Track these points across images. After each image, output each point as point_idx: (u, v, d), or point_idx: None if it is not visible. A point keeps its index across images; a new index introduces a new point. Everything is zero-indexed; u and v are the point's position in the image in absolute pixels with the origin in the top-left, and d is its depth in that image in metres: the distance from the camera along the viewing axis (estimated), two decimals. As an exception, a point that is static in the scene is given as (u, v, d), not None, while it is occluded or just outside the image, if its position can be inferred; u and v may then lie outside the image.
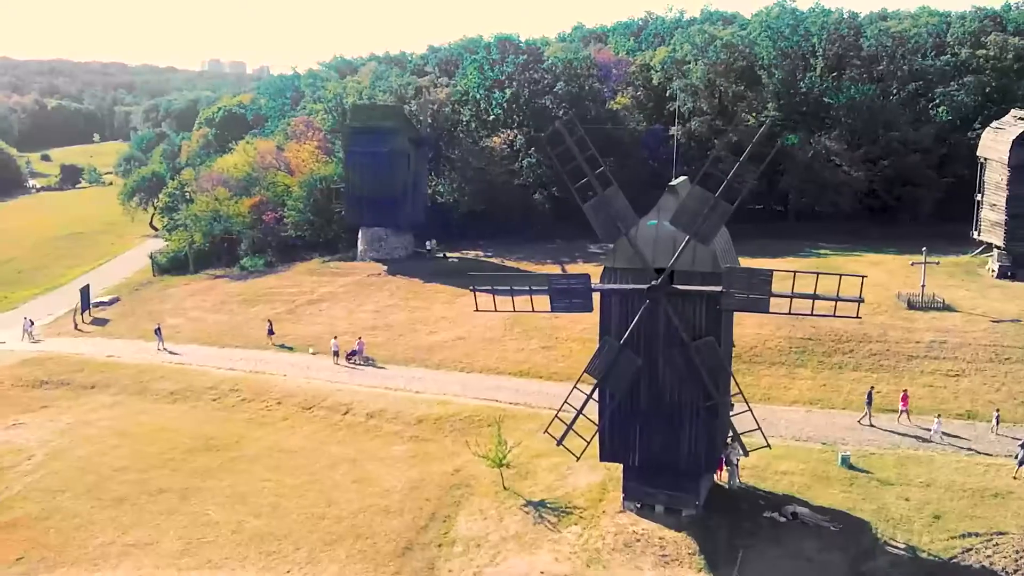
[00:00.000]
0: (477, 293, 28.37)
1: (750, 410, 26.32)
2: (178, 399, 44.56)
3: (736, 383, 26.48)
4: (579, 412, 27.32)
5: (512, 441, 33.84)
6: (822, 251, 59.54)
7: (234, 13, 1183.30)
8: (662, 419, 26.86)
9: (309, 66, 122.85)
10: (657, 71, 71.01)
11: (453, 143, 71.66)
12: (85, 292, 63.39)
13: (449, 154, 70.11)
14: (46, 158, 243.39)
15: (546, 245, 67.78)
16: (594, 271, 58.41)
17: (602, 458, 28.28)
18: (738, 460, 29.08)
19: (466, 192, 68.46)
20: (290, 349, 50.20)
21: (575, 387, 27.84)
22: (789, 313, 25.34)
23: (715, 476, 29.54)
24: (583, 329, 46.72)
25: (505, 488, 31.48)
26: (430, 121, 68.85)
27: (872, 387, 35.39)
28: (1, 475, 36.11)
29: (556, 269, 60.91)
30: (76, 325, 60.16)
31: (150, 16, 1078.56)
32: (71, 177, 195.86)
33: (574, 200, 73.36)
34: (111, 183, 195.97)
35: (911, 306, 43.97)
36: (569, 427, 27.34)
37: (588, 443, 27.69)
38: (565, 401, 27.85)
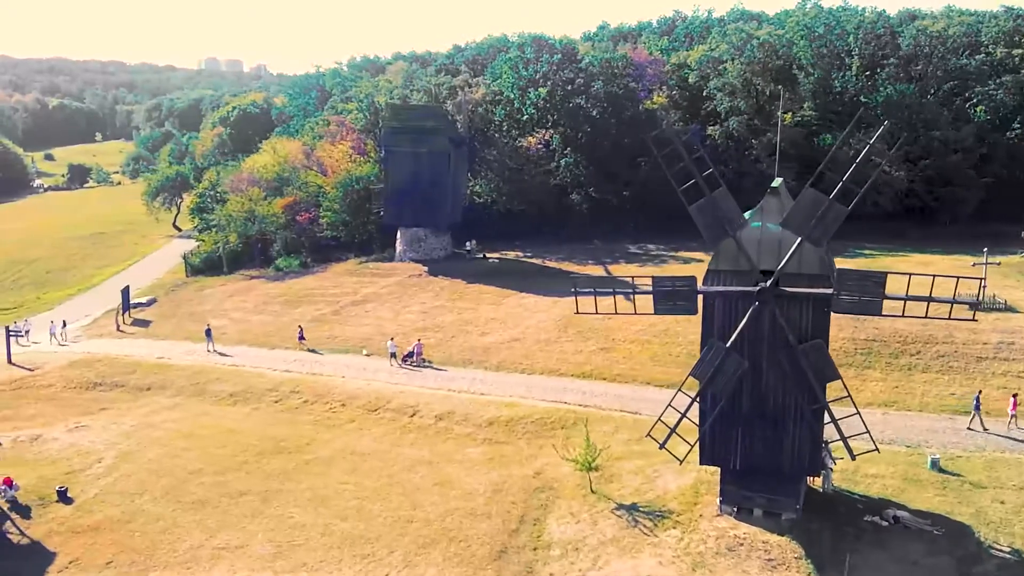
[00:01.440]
0: (578, 296, 28.19)
1: (858, 413, 26.29)
2: (238, 401, 44.47)
3: (845, 386, 26.44)
4: (683, 415, 27.29)
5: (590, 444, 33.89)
6: (867, 251, 59.57)
7: (229, 12, 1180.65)
8: (765, 422, 26.83)
9: (319, 64, 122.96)
10: (693, 70, 70.87)
11: (487, 143, 71.52)
12: (126, 293, 63.25)
13: (485, 154, 69.94)
14: (49, 157, 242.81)
15: (584, 245, 67.77)
16: (637, 272, 59.03)
17: (702, 461, 28.25)
18: (833, 464, 29.08)
19: (503, 192, 68.35)
20: (320, 353, 50.22)
21: (679, 390, 27.75)
22: (902, 315, 25.31)
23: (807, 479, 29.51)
24: (638, 331, 46.91)
25: (593, 491, 31.41)
26: (468, 121, 68.66)
27: (980, 391, 35.11)
28: (74, 478, 35.92)
29: (599, 270, 60.94)
30: (118, 326, 60.02)
31: (145, 15, 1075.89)
32: (79, 177, 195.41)
33: (611, 200, 73.78)
34: (119, 183, 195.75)
35: (973, 307, 43.85)
36: (672, 430, 27.31)
37: (692, 447, 27.63)
38: (669, 404, 27.80)
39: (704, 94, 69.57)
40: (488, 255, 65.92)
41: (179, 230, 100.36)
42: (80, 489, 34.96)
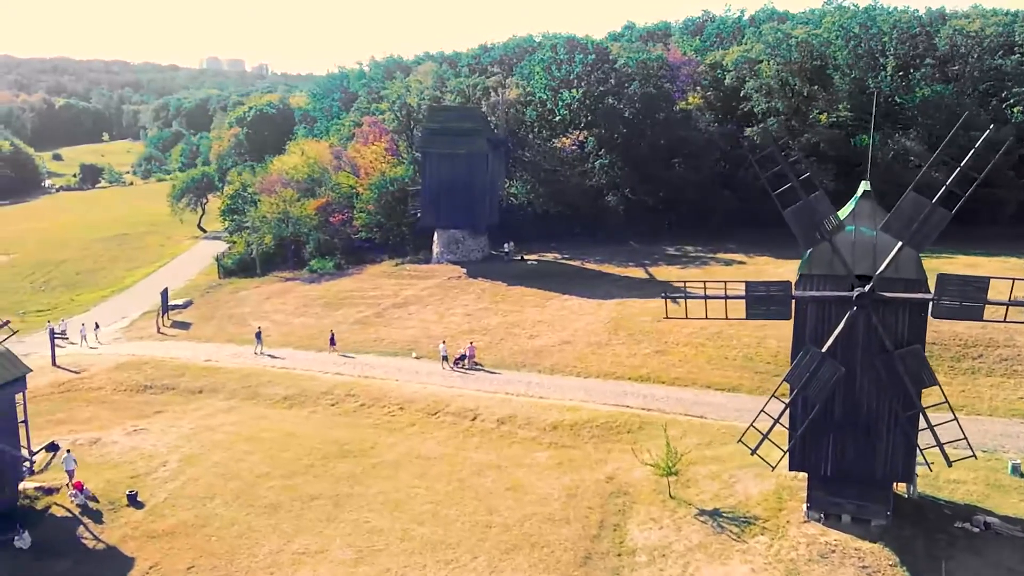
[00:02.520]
0: (668, 300, 28.12)
1: (955, 419, 26.17)
2: (294, 404, 44.38)
3: (943, 392, 26.31)
4: (776, 421, 27.17)
5: (659, 449, 33.83)
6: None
7: (229, 12, 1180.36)
8: (858, 429, 26.72)
9: (341, 65, 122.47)
10: (729, 71, 70.74)
11: (521, 144, 71.40)
12: (165, 295, 63.17)
13: (520, 155, 69.83)
14: (58, 157, 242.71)
15: (620, 247, 67.65)
16: (678, 274, 58.98)
17: (791, 467, 28.12)
18: (917, 470, 28.95)
19: (540, 193, 68.24)
20: (352, 356, 50.24)
21: (773, 396, 27.65)
22: (1004, 321, 25.21)
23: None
24: (691, 334, 46.83)
25: (672, 496, 31.30)
26: (504, 122, 68.54)
27: None
28: (140, 481, 35.84)
29: (640, 272, 60.92)
30: (158, 328, 59.96)
31: (145, 14, 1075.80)
32: (90, 177, 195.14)
33: (647, 202, 73.53)
34: (131, 183, 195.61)
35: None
36: (765, 436, 27.19)
37: (785, 453, 27.52)
38: (761, 410, 27.68)
39: (741, 95, 69.30)
40: (526, 257, 65.78)
41: (204, 231, 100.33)
42: (149, 493, 34.88)
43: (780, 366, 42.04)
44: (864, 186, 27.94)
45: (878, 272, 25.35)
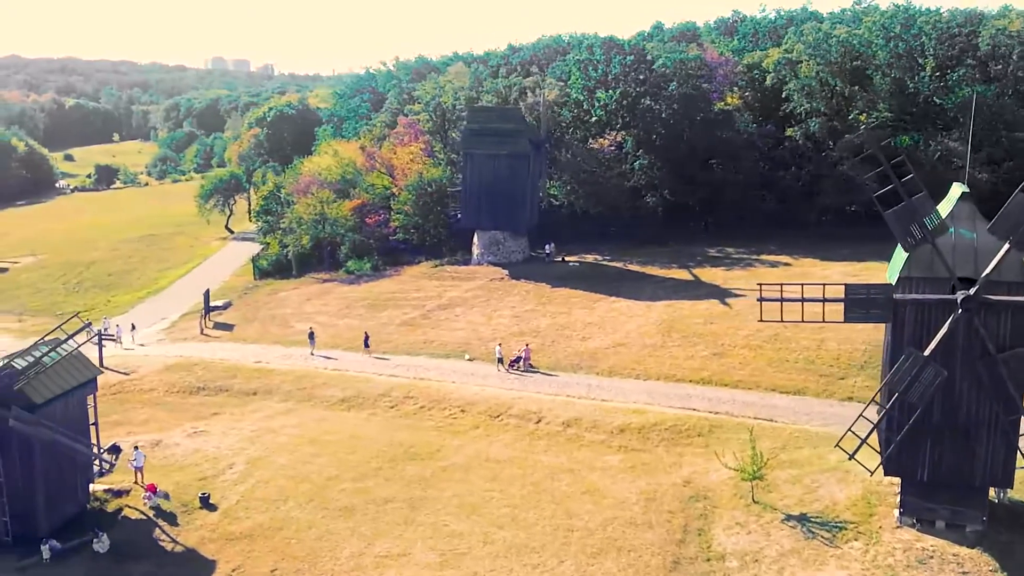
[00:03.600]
0: (763, 303, 27.88)
1: (1062, 423, 25.96)
2: (352, 406, 44.20)
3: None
4: (875, 426, 26.98)
5: (737, 452, 33.67)
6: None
7: (232, 11, 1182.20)
8: (956, 433, 26.48)
9: (368, 65, 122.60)
10: (770, 71, 70.46)
11: (558, 144, 71.18)
12: (207, 296, 63.06)
13: (559, 156, 69.60)
14: (69, 158, 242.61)
15: (660, 248, 67.35)
16: (723, 276, 58.67)
17: (887, 472, 27.87)
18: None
19: (580, 195, 68.02)
20: (387, 359, 50.25)
21: (872, 401, 27.46)
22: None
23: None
24: (747, 336, 46.59)
25: (755, 501, 31.07)
26: (547, 123, 68.26)
27: None
28: (210, 483, 35.68)
29: (684, 274, 60.67)
30: (202, 330, 59.83)
31: (149, 14, 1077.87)
32: (106, 177, 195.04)
33: (686, 203, 73.14)
34: (147, 184, 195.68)
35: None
36: (863, 441, 26.97)
37: (884, 457, 27.27)
38: (860, 414, 27.50)
39: (783, 95, 68.98)
40: (566, 258, 65.55)
41: (232, 232, 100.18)
42: (221, 495, 34.72)
43: (843, 369, 42.00)
44: (961, 188, 27.64)
45: (984, 275, 25.09)
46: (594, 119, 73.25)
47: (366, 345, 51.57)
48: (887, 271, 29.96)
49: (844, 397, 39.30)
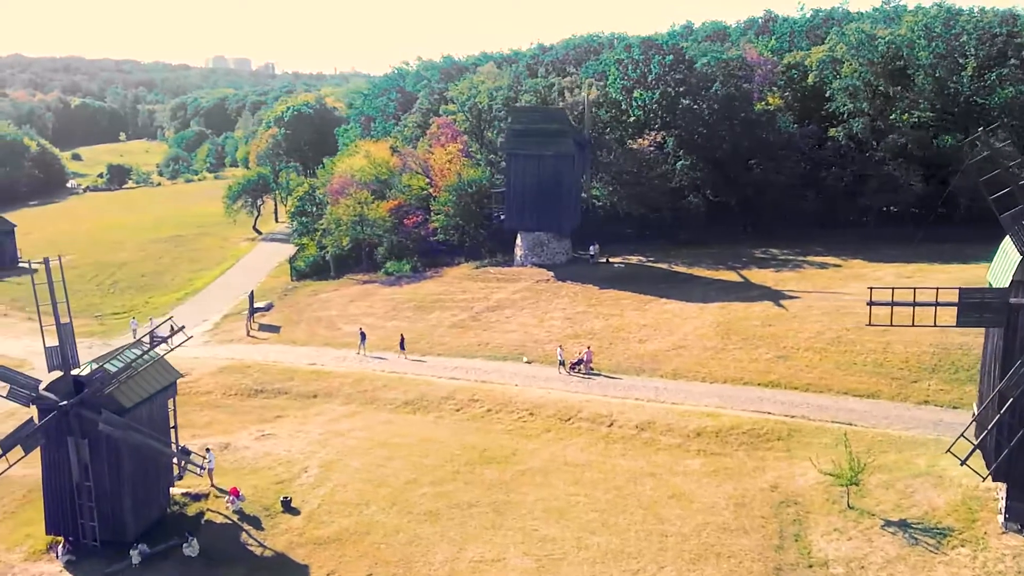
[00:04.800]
0: (871, 307, 27.65)
1: None
2: (417, 409, 43.97)
3: None
4: (987, 431, 26.71)
5: (822, 457, 33.51)
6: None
7: (232, 10, 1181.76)
8: (1068, 439, 26.26)
9: (395, 65, 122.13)
10: (813, 71, 70.25)
11: (597, 144, 70.95)
12: (252, 298, 62.84)
13: (600, 157, 69.35)
14: (77, 157, 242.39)
15: (703, 249, 67.18)
16: (774, 278, 58.38)
17: (995, 478, 27.65)
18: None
19: (622, 195, 67.81)
20: (424, 361, 50.30)
21: (985, 406, 27.18)
22: None
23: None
24: (809, 339, 46.34)
25: (850, 507, 30.84)
26: (590, 123, 67.98)
27: None
28: (287, 487, 35.44)
29: (732, 275, 60.45)
30: (248, 331, 59.60)
31: (149, 12, 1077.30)
32: (118, 177, 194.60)
33: (727, 203, 72.83)
34: (159, 183, 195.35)
35: None
36: (976, 446, 26.75)
37: (997, 462, 27.03)
38: (973, 420, 27.23)
39: (827, 95, 68.74)
40: (611, 259, 65.30)
41: (259, 233, 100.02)
42: (301, 499, 34.49)
43: (913, 371, 41.74)
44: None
45: (1103, 279, 24.89)
46: (632, 119, 73.03)
47: (401, 347, 51.39)
48: (987, 274, 29.78)
49: (919, 400, 39.06)
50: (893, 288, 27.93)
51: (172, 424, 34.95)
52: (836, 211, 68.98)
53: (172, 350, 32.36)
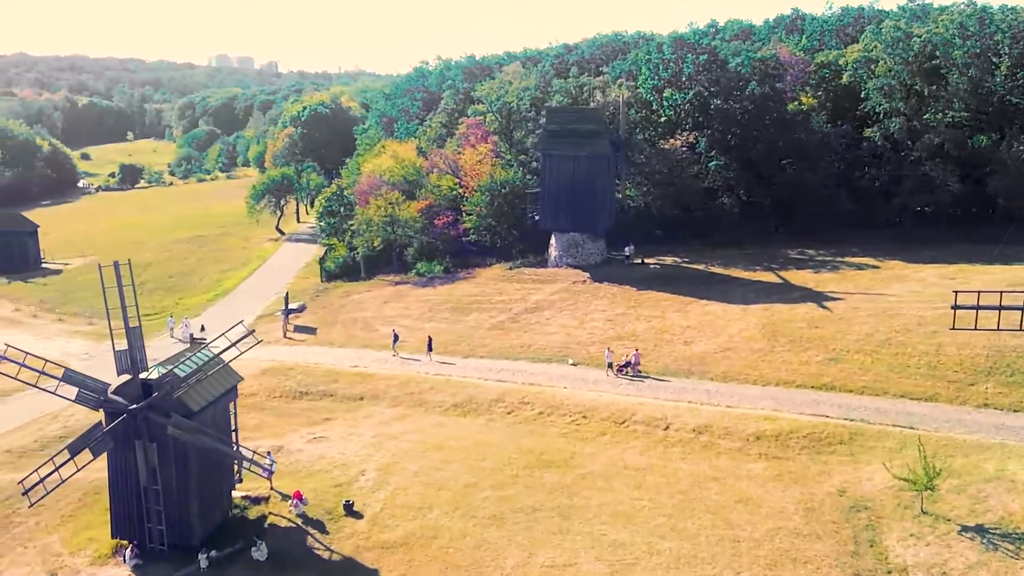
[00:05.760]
0: (956, 311, 27.35)
1: None
2: (467, 412, 43.75)
3: None
4: (1076, 436, 26.42)
5: (890, 461, 33.29)
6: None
7: (234, 8, 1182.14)
8: None
9: (417, 64, 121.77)
10: (847, 70, 69.92)
11: (630, 145, 70.68)
12: (287, 299, 62.66)
13: (633, 157, 69.07)
14: (86, 156, 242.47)
15: (737, 250, 66.94)
16: (814, 279, 58.13)
17: (1081, 484, 27.39)
18: None
19: (656, 196, 67.56)
20: (452, 363, 50.14)
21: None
22: None
23: None
24: (857, 341, 46.05)
25: (924, 512, 30.57)
26: (625, 123, 67.71)
27: None
28: (346, 490, 35.28)
29: (770, 277, 60.21)
30: (285, 333, 59.40)
31: (151, 10, 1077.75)
32: (130, 177, 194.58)
33: (762, 203, 72.44)
34: (171, 183, 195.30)
35: None
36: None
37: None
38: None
39: (863, 95, 68.39)
40: (646, 260, 65.03)
41: (282, 233, 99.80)
42: (362, 503, 34.31)
43: (968, 374, 41.38)
44: None
45: None
46: (663, 119, 72.76)
47: (429, 349, 51.17)
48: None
49: (979, 404, 38.76)
50: (979, 292, 27.56)
51: (233, 427, 34.79)
52: (871, 211, 68.67)
53: (241, 354, 32.02)
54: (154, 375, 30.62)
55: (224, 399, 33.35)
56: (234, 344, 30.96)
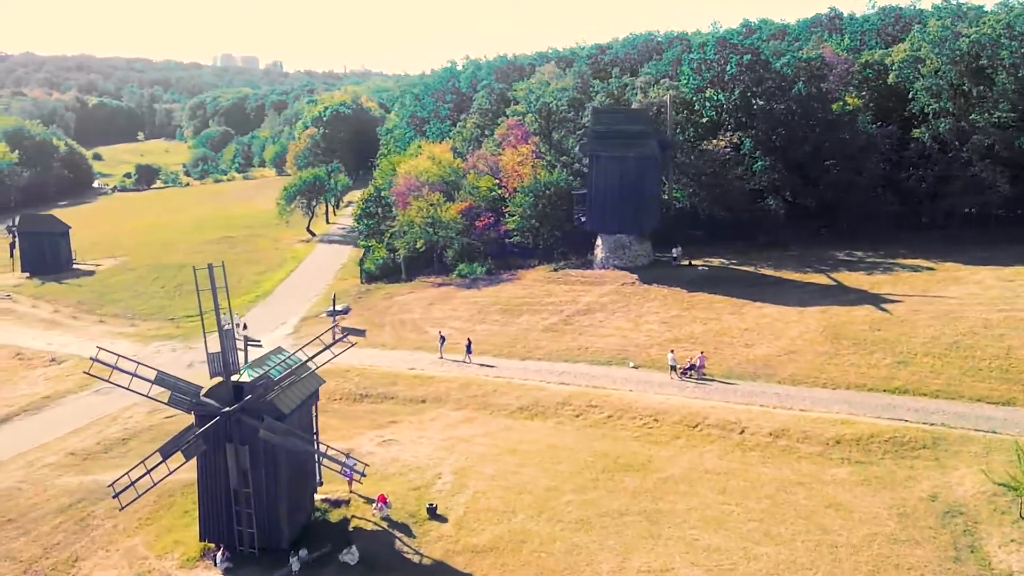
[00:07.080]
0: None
1: None
2: (534, 415, 43.43)
3: None
4: None
5: (963, 465, 32.91)
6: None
7: (237, 8, 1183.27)
8: None
9: (447, 63, 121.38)
10: (893, 70, 69.50)
11: (675, 145, 70.31)
12: (335, 301, 62.41)
13: (677, 158, 68.69)
14: (98, 157, 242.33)
15: (784, 252, 66.57)
16: (868, 281, 57.70)
17: None
18: None
19: (702, 197, 67.21)
20: (492, 366, 50.05)
21: None
22: None
23: None
24: (924, 344, 45.68)
25: (1022, 517, 30.21)
26: (672, 124, 67.31)
27: None
28: (425, 493, 35.06)
29: (821, 279, 59.80)
30: (334, 336, 58.95)
31: (154, 9, 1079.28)
32: (146, 177, 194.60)
33: (807, 204, 71.85)
34: (188, 184, 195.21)
35: None
36: None
37: None
38: None
39: (911, 95, 67.91)
40: (693, 262, 64.65)
41: (313, 234, 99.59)
42: (444, 506, 34.02)
43: (1044, 378, 40.96)
44: None
45: None
46: (705, 120, 72.38)
47: (468, 351, 50.90)
48: None
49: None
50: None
51: (314, 430, 34.54)
52: (917, 213, 68.27)
53: (335, 357, 31.77)
54: (245, 377, 30.35)
55: (308, 402, 33.10)
56: (328, 347, 30.65)
